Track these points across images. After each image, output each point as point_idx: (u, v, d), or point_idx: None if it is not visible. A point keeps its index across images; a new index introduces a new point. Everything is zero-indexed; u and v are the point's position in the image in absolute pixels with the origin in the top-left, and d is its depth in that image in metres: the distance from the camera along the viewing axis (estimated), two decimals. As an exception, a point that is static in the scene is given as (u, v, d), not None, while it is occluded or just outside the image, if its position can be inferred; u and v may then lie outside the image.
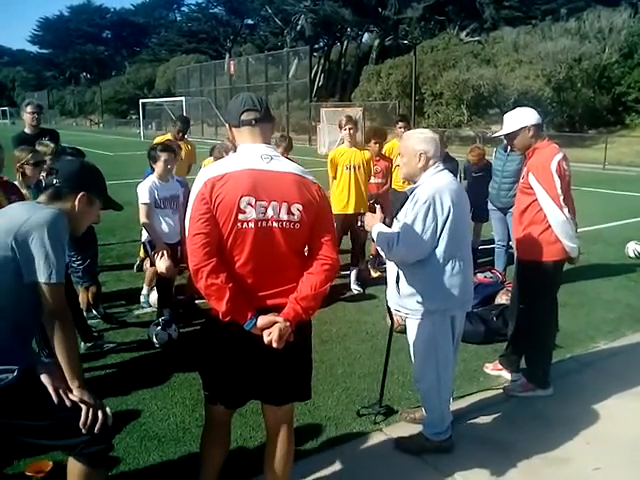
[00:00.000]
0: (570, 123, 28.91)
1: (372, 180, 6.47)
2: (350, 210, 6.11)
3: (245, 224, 2.25)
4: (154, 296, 5.40)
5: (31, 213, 2.16)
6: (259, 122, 2.40)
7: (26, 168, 4.21)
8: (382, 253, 3.19)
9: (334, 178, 6.23)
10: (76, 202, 2.30)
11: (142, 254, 6.88)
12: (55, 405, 2.17)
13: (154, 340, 4.71)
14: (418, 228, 2.96)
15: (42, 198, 2.32)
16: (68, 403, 2.18)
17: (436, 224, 2.97)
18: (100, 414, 2.22)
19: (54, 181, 2.31)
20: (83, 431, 2.18)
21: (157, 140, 7.31)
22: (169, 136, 7.44)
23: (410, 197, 3.10)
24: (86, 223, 2.47)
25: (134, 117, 53.73)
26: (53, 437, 2.22)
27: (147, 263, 5.96)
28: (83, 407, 2.19)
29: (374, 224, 3.20)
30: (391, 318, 3.64)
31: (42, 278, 2.11)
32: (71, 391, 2.21)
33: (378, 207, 3.37)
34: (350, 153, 6.14)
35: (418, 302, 3.11)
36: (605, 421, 3.66)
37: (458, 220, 3.03)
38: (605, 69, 29.79)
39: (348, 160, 6.11)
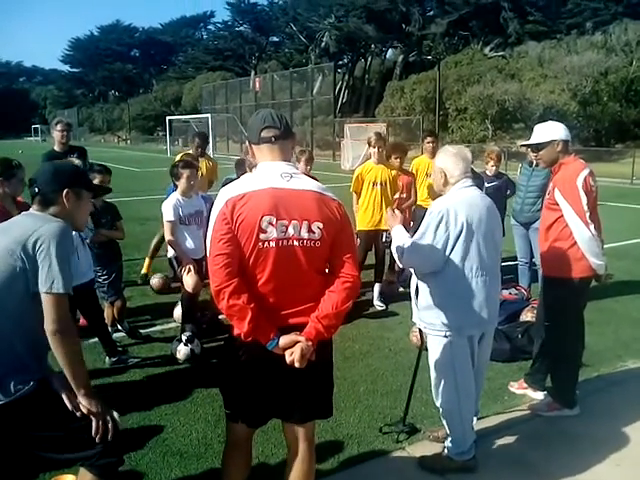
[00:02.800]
0: (596, 137, 28.57)
1: (395, 196, 6.46)
2: (375, 226, 6.11)
3: (266, 243, 2.26)
4: (178, 311, 5.44)
5: (39, 224, 2.22)
6: (279, 139, 2.40)
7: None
8: (396, 258, 3.20)
9: (359, 194, 6.25)
10: (64, 200, 2.35)
11: (145, 269, 7.05)
12: (69, 416, 2.20)
13: (177, 356, 4.74)
14: (429, 238, 2.99)
15: (35, 208, 2.36)
16: (79, 413, 2.21)
17: (448, 237, 2.98)
18: (109, 421, 2.23)
19: (36, 190, 2.36)
20: (97, 440, 2.20)
21: (178, 157, 7.34)
22: (191, 152, 7.42)
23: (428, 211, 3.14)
24: (83, 217, 2.54)
25: (161, 134, 54.52)
26: (69, 450, 2.25)
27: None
28: (93, 417, 2.21)
29: (395, 224, 3.23)
30: (421, 335, 3.59)
31: (43, 288, 2.14)
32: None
33: (397, 212, 3.37)
34: (377, 170, 6.17)
35: (433, 316, 3.11)
36: (635, 442, 3.56)
37: (477, 236, 3.03)
38: (632, 82, 29.44)
39: (375, 176, 6.13)
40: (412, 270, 3.26)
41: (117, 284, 5.06)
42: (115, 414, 2.31)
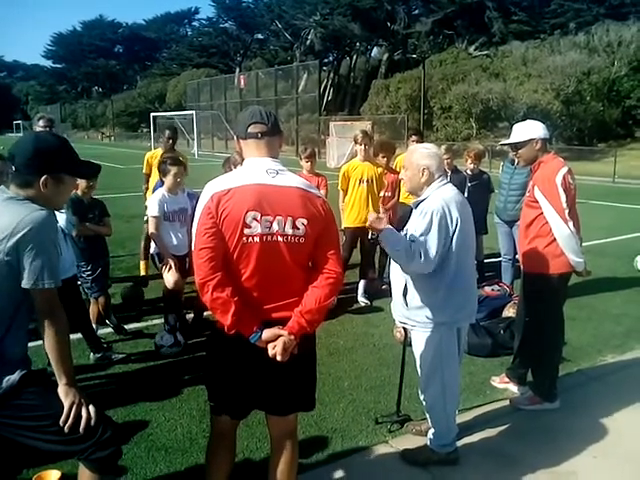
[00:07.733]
0: (579, 136, 28.91)
1: (380, 193, 6.49)
2: (361, 224, 6.14)
3: (250, 238, 2.28)
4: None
5: (21, 215, 2.10)
6: (265, 135, 2.43)
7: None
8: (398, 264, 3.15)
9: (345, 191, 6.28)
10: (41, 187, 2.18)
11: (143, 272, 6.97)
12: (56, 407, 2.18)
13: (161, 343, 4.78)
14: (433, 239, 2.98)
15: (13, 189, 2.20)
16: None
17: (448, 234, 3.01)
18: (84, 412, 2.20)
19: (14, 168, 2.20)
20: (65, 430, 2.16)
21: (147, 157, 7.16)
22: (159, 151, 7.16)
23: (417, 211, 3.13)
24: (63, 199, 2.38)
25: (145, 130, 54.10)
26: (57, 441, 2.22)
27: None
28: (65, 404, 2.18)
29: (382, 227, 3.11)
30: (405, 330, 3.63)
31: (27, 284, 2.10)
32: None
33: (382, 214, 3.33)
34: (363, 167, 6.20)
35: (426, 314, 3.12)
36: (612, 435, 3.64)
37: (465, 232, 3.08)
38: (614, 82, 29.84)
39: (361, 173, 6.16)
40: (398, 270, 3.21)
41: (101, 281, 5.03)
42: (92, 409, 2.23)
